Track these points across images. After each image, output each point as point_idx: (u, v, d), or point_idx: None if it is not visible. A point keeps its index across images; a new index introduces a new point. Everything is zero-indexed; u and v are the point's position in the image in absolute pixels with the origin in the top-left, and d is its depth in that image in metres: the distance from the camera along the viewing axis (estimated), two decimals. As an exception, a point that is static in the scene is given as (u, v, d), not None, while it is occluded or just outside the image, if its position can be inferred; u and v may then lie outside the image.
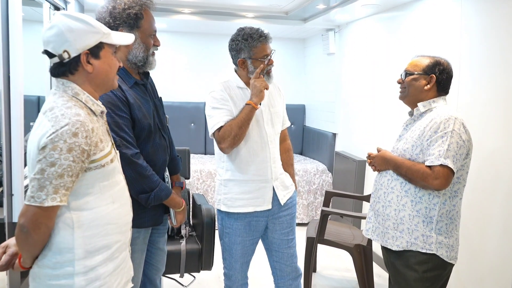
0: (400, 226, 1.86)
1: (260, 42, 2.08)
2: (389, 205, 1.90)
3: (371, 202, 2.03)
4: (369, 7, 3.59)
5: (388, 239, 1.90)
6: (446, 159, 1.73)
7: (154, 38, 1.83)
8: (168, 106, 4.99)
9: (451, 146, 1.74)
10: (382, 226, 1.93)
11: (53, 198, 1.21)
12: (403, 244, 1.85)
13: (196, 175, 4.41)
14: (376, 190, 1.99)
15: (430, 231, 1.81)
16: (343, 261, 3.70)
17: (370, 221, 2.03)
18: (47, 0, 2.90)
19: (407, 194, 1.85)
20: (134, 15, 1.74)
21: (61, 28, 1.28)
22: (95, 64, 1.34)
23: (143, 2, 1.79)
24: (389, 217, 1.90)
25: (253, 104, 2.03)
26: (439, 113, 1.83)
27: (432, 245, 1.81)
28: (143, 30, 1.78)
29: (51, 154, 1.20)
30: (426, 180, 1.76)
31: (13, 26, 2.12)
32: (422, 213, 1.82)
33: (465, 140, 1.78)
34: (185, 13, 4.30)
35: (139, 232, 1.83)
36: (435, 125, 1.78)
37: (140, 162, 1.74)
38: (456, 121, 1.77)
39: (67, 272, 1.29)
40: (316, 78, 5.26)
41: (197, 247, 2.77)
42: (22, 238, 1.26)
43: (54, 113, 1.25)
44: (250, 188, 2.14)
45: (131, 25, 1.74)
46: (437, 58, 1.93)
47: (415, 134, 1.86)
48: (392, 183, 1.90)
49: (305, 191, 4.64)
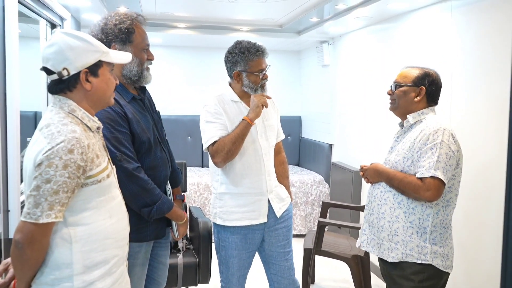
0: (395, 237, 1.87)
1: (257, 57, 2.11)
2: (382, 216, 1.91)
3: (365, 214, 2.04)
4: (362, 19, 3.64)
5: (384, 250, 1.91)
6: (436, 170, 1.75)
7: (147, 52, 1.85)
8: (165, 119, 4.96)
9: (441, 158, 1.76)
10: (377, 238, 1.94)
11: (48, 214, 1.22)
12: (398, 256, 1.86)
13: (193, 188, 4.42)
14: (369, 202, 2.01)
15: (424, 242, 1.82)
16: (341, 272, 3.69)
17: (364, 233, 2.03)
18: (44, 17, 2.93)
19: (400, 206, 1.86)
20: (126, 29, 1.76)
21: (61, 46, 1.30)
22: (94, 82, 1.36)
23: (134, 17, 1.82)
24: (383, 228, 1.91)
25: (248, 120, 2.05)
26: (428, 124, 1.85)
27: (427, 256, 1.82)
28: (135, 44, 1.79)
29: (46, 171, 1.22)
30: (417, 192, 1.78)
31: (9, 42, 2.14)
32: (416, 224, 1.83)
33: (455, 150, 1.80)
34: (180, 27, 4.35)
35: (141, 246, 1.83)
36: (424, 137, 1.80)
37: (142, 176, 1.75)
38: (444, 132, 1.79)
39: None
40: (312, 90, 5.30)
41: (194, 260, 2.76)
42: (16, 255, 1.26)
43: (50, 130, 1.27)
44: (245, 201, 2.14)
45: (123, 40, 1.76)
46: (426, 70, 1.95)
47: (406, 146, 1.88)
48: (385, 195, 1.92)
49: (302, 202, 4.64)
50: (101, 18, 1.81)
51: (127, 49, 1.76)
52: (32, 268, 1.28)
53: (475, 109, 2.55)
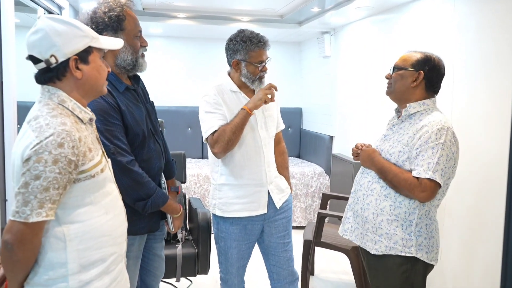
0: (379, 230, 1.80)
1: (258, 47, 2.08)
2: (367, 207, 1.84)
3: (350, 202, 1.98)
4: (363, 10, 3.60)
5: (367, 241, 1.85)
6: (434, 173, 1.68)
7: (140, 38, 1.79)
8: (165, 110, 5.04)
9: (441, 159, 1.69)
10: (361, 228, 1.88)
11: (38, 213, 1.14)
12: (382, 249, 1.80)
13: (193, 179, 4.41)
14: (355, 190, 1.94)
15: (409, 235, 1.76)
16: (341, 263, 3.69)
17: (348, 221, 1.98)
18: (42, 6, 2.90)
19: (386, 198, 1.79)
20: (116, 17, 1.70)
21: (48, 31, 1.22)
22: (84, 70, 1.28)
23: (123, 3, 1.75)
24: (367, 220, 1.84)
25: (247, 109, 2.03)
26: (431, 120, 1.76)
27: (411, 248, 1.76)
28: (127, 32, 1.73)
29: (35, 167, 1.14)
30: (412, 191, 1.72)
31: (5, 32, 2.13)
32: (401, 217, 1.77)
33: (454, 152, 1.74)
34: (180, 17, 4.31)
35: (134, 239, 1.80)
36: (426, 135, 1.72)
37: (136, 169, 1.72)
38: (448, 131, 1.72)
39: None
40: (313, 81, 5.27)
41: (193, 251, 2.76)
42: (6, 256, 1.19)
43: (39, 123, 1.19)
44: (245, 192, 2.13)
45: (115, 28, 1.71)
46: (428, 54, 1.85)
47: (403, 140, 1.79)
48: (372, 186, 1.84)
49: (302, 194, 4.64)
50: (87, 9, 1.75)
51: (120, 37, 1.69)
52: (23, 269, 1.22)
53: (477, 102, 2.52)
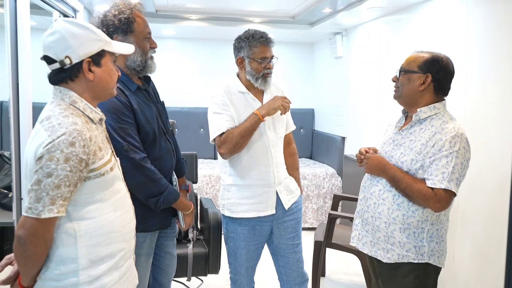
0: (391, 239, 1.77)
1: (260, 43, 2.09)
2: (379, 217, 1.80)
3: (359, 209, 1.93)
4: (375, 10, 3.58)
5: (378, 250, 1.81)
6: (450, 182, 1.64)
7: (149, 40, 1.83)
8: (177, 111, 5.08)
9: (456, 168, 1.64)
10: (371, 236, 1.84)
11: (50, 209, 1.19)
12: (394, 257, 1.77)
13: (205, 180, 4.44)
14: (365, 198, 1.88)
15: (421, 241, 1.74)
16: (352, 265, 3.68)
17: (356, 228, 1.93)
18: (57, 9, 2.96)
19: (399, 208, 1.75)
20: (126, 19, 1.74)
21: (64, 33, 1.27)
22: (96, 72, 1.33)
23: (133, 5, 1.79)
24: (379, 229, 1.80)
25: (260, 115, 2.04)
26: (444, 127, 1.70)
27: (424, 255, 1.74)
28: (137, 34, 1.78)
29: (47, 165, 1.19)
30: (427, 202, 1.67)
31: (21, 35, 2.18)
32: (414, 226, 1.74)
33: (468, 159, 1.70)
34: (192, 19, 4.34)
35: (146, 236, 1.84)
36: (440, 142, 1.67)
37: (148, 166, 1.75)
38: (462, 138, 1.66)
39: (72, 283, 1.27)
40: (325, 82, 5.26)
41: (204, 250, 2.78)
42: (19, 250, 1.23)
43: (51, 122, 1.24)
44: (253, 193, 2.14)
45: (125, 31, 1.75)
46: (435, 54, 1.77)
47: (416, 147, 1.73)
48: (384, 195, 1.79)
49: (314, 195, 4.63)
50: (97, 12, 1.80)
51: (129, 40, 1.75)
52: (35, 264, 1.26)
53: (489, 102, 2.49)
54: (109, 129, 1.65)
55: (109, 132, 1.63)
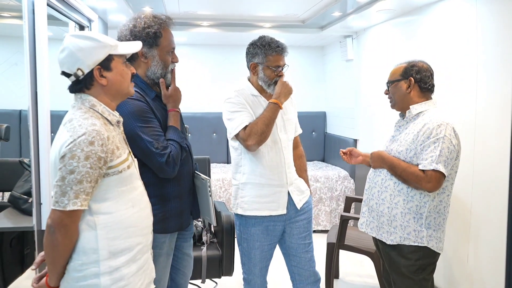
0: (394, 222, 2.02)
1: (276, 52, 2.15)
2: (382, 202, 2.05)
3: (365, 198, 2.18)
4: (385, 13, 3.60)
5: (383, 233, 2.06)
6: (438, 164, 1.87)
7: (172, 54, 1.89)
8: (190, 116, 5.15)
9: (443, 152, 1.88)
10: (376, 221, 2.09)
11: (74, 202, 1.30)
12: (397, 239, 2.02)
13: (218, 184, 4.49)
14: (369, 187, 2.15)
15: (420, 226, 1.98)
16: (366, 267, 3.68)
17: (364, 215, 2.19)
18: (72, 19, 3.05)
19: (400, 194, 2.00)
20: (153, 34, 1.80)
21: (71, 49, 1.38)
22: (108, 76, 1.43)
23: (163, 20, 1.85)
24: (383, 213, 2.05)
25: (279, 103, 2.11)
26: (431, 118, 1.95)
27: (423, 239, 1.98)
28: (161, 48, 1.84)
29: (70, 163, 1.30)
30: (419, 182, 1.91)
31: (39, 46, 2.26)
32: (413, 211, 1.98)
33: (455, 144, 1.92)
34: (204, 26, 4.42)
35: (166, 237, 1.88)
36: (428, 131, 1.92)
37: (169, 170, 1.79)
38: (447, 126, 1.90)
39: (93, 273, 1.37)
40: (336, 85, 5.28)
41: (218, 253, 2.82)
42: (48, 239, 1.34)
43: (73, 124, 1.35)
44: (266, 192, 2.18)
45: (150, 44, 1.81)
46: (411, 61, 2.07)
47: (409, 138, 1.99)
48: (386, 183, 2.05)
49: (327, 198, 4.64)
50: (131, 18, 1.86)
51: (153, 52, 1.82)
52: (62, 255, 1.36)
53: (500, 102, 2.49)
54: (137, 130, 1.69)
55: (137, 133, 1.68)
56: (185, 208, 1.93)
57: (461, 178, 2.63)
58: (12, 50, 4.14)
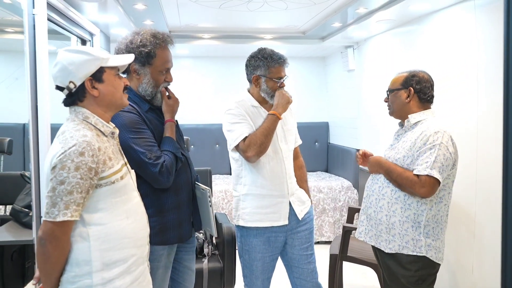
0: (392, 230, 2.02)
1: (278, 64, 2.17)
2: (380, 210, 2.06)
3: (363, 207, 2.18)
4: (385, 23, 3.61)
5: (381, 241, 2.06)
6: (432, 169, 1.89)
7: (166, 74, 1.89)
8: (193, 128, 5.17)
9: (438, 158, 1.89)
10: (375, 229, 2.09)
11: (64, 213, 1.31)
12: (395, 247, 2.01)
13: (221, 195, 4.47)
14: (367, 195, 2.15)
15: (419, 235, 1.97)
16: (369, 278, 3.63)
17: (362, 224, 2.18)
18: (74, 34, 3.08)
19: (397, 201, 2.01)
20: (146, 53, 1.81)
21: (63, 63, 1.41)
22: (100, 88, 1.45)
23: (160, 40, 1.85)
24: (381, 221, 2.05)
25: (277, 114, 2.10)
26: (429, 126, 1.98)
27: (422, 248, 1.97)
28: (154, 67, 1.85)
29: (60, 173, 1.31)
30: (413, 187, 1.92)
31: (40, 60, 2.27)
32: (411, 219, 1.98)
33: (452, 152, 1.93)
34: (205, 38, 4.45)
35: (164, 249, 1.87)
36: (424, 138, 1.94)
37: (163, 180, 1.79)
38: (444, 134, 1.92)
39: (86, 284, 1.36)
40: (338, 95, 5.28)
41: (219, 265, 2.80)
42: (40, 252, 1.35)
43: (65, 136, 1.37)
44: (267, 203, 2.18)
45: (142, 62, 1.83)
46: (412, 71, 2.09)
47: (407, 145, 2.01)
48: (383, 190, 2.06)
49: (330, 208, 4.61)
50: (132, 32, 1.87)
51: (145, 70, 1.83)
52: (54, 267, 1.36)
53: (501, 110, 2.47)
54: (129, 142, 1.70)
55: (129, 145, 1.69)
56: (184, 219, 1.91)
57: (464, 187, 2.61)
58: (17, 64, 4.18)
